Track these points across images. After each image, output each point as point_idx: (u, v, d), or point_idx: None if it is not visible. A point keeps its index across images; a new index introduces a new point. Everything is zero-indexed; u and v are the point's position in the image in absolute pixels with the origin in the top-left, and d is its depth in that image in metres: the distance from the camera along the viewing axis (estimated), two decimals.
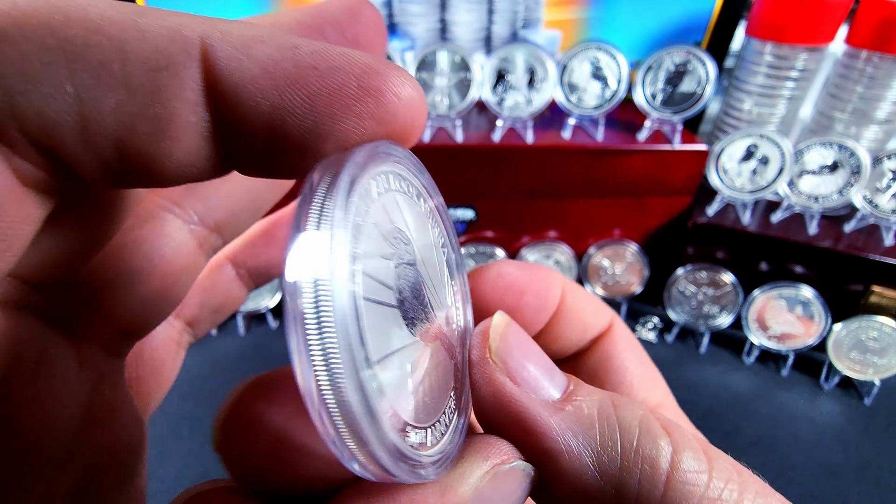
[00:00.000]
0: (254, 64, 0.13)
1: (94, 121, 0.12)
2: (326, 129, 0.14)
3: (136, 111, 0.13)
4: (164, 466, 0.53)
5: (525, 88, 0.64)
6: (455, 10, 0.72)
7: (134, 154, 0.13)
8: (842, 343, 0.62)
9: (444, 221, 0.18)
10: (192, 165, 0.14)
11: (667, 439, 0.15)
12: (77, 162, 0.13)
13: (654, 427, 0.15)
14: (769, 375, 0.66)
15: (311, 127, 0.14)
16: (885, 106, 0.64)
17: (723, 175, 0.64)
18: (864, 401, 0.63)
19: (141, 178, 0.14)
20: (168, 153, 0.13)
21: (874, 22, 0.61)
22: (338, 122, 0.14)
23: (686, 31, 0.72)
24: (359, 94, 0.14)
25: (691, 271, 0.67)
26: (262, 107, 0.13)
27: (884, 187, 0.61)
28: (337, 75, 0.13)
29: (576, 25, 0.73)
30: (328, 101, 0.13)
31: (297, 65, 0.13)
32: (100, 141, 0.13)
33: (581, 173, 0.65)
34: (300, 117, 0.13)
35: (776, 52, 0.64)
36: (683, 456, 0.15)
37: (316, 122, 0.14)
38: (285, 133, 0.14)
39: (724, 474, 0.15)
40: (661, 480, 0.14)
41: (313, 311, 0.10)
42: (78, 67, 0.12)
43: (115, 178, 0.14)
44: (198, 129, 0.13)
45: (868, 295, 0.64)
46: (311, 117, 0.13)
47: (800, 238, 0.64)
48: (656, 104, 0.64)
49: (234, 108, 0.13)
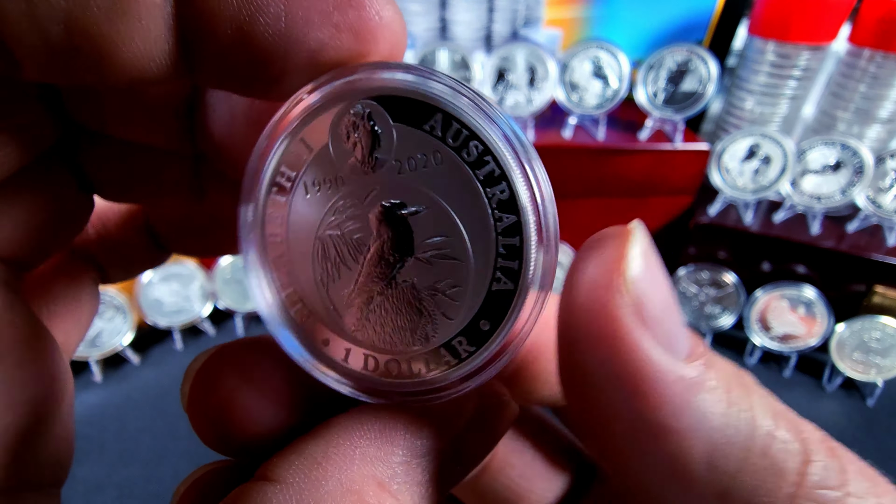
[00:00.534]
0: None
1: None
2: (299, 35, 0.12)
3: None
4: (163, 466, 0.53)
5: (526, 87, 0.63)
6: (455, 9, 0.72)
7: (85, 33, 0.11)
8: (844, 344, 0.62)
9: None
10: (148, 58, 0.12)
11: (798, 442, 0.12)
12: (18, 40, 0.11)
13: (786, 425, 0.12)
14: (771, 376, 0.66)
15: (283, 31, 0.12)
16: (887, 105, 0.64)
17: (725, 174, 0.64)
18: (866, 402, 0.63)
19: (88, 68, 0.12)
20: (125, 37, 0.12)
21: (877, 20, 0.60)
22: (313, 29, 0.12)
23: (688, 30, 0.72)
24: (340, 2, 0.12)
25: (693, 271, 0.67)
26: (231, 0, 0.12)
27: (887, 187, 0.61)
28: None
29: (577, 24, 0.73)
30: (305, 3, 0.12)
31: None
32: (46, 13, 0.11)
33: (582, 173, 0.65)
34: (272, 17, 0.12)
35: (778, 51, 0.64)
36: (815, 466, 0.12)
37: (289, 27, 0.12)
38: (254, 33, 0.12)
39: (860, 488, 0.12)
40: (786, 494, 0.11)
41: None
42: None
43: (59, 66, 0.12)
44: (161, 12, 0.12)
45: (871, 295, 0.63)
46: (283, 20, 0.12)
47: (802, 238, 0.64)
48: (658, 103, 0.64)
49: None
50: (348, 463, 0.13)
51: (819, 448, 0.12)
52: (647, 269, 0.12)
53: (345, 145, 0.14)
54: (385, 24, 0.13)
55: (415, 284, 0.14)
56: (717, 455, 0.11)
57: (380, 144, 0.14)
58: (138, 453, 0.54)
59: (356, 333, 0.15)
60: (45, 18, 0.11)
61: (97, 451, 0.54)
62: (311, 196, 0.14)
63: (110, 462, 0.53)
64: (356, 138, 0.14)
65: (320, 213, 0.14)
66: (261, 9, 0.12)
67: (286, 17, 0.12)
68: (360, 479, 0.13)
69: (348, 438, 0.14)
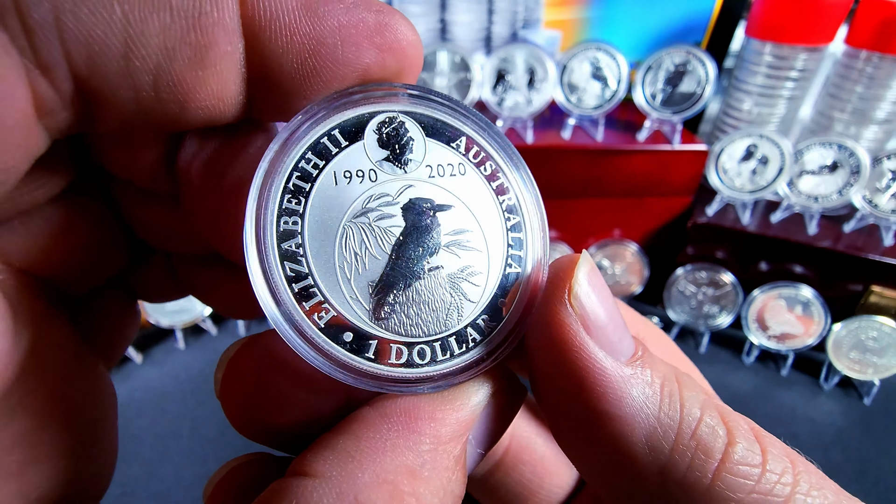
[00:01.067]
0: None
1: (137, 44, 0.12)
2: (352, 59, 0.15)
3: (179, 35, 0.13)
4: (164, 466, 0.53)
5: (525, 88, 0.64)
6: (455, 11, 0.72)
7: (170, 82, 0.13)
8: (841, 343, 0.62)
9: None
10: (220, 100, 0.14)
11: (724, 427, 0.15)
12: (111, 91, 0.13)
13: (714, 413, 0.15)
14: (769, 375, 0.66)
15: (339, 58, 0.15)
16: (884, 106, 0.64)
17: (722, 175, 0.64)
18: (863, 400, 0.63)
19: (168, 112, 0.14)
20: (203, 82, 0.14)
21: (874, 22, 0.61)
22: (362, 53, 0.15)
23: (686, 32, 0.72)
24: (377, 27, 0.15)
25: (691, 271, 0.67)
26: (297, 37, 0.14)
27: (883, 187, 0.61)
28: (359, 10, 0.15)
29: (576, 26, 0.73)
30: (354, 31, 0.15)
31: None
32: (140, 66, 0.13)
33: (581, 173, 0.66)
34: (330, 47, 0.14)
35: (776, 53, 0.64)
36: (738, 447, 0.14)
37: (344, 53, 0.15)
38: (316, 65, 0.14)
39: (778, 466, 0.14)
40: (712, 469, 0.14)
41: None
42: None
43: (141, 112, 0.14)
44: (234, 59, 0.14)
45: (867, 295, 0.64)
46: (340, 48, 0.15)
47: (799, 238, 0.64)
48: (656, 104, 0.64)
49: (270, 39, 0.14)
50: (381, 455, 0.14)
51: (743, 433, 0.15)
52: (591, 288, 0.15)
53: (383, 146, 0.16)
54: (412, 43, 0.15)
55: (443, 271, 0.16)
56: (654, 437, 0.14)
57: (413, 150, 0.16)
58: (140, 452, 0.54)
59: (383, 323, 0.15)
60: (139, 71, 0.13)
61: None
62: (341, 185, 0.15)
63: None
64: (395, 141, 0.16)
65: (349, 201, 0.15)
66: (322, 43, 0.14)
67: (342, 45, 0.14)
68: (394, 468, 0.14)
69: (378, 431, 0.15)
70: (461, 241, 0.16)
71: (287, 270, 0.14)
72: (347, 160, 0.15)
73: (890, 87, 0.63)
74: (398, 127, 0.16)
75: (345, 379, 0.15)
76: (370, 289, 0.15)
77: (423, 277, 0.15)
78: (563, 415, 0.15)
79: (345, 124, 0.15)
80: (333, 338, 0.15)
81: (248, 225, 0.14)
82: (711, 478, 0.14)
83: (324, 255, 0.15)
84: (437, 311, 0.15)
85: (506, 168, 0.16)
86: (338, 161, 0.15)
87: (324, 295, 0.15)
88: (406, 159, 0.16)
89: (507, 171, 0.16)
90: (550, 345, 0.14)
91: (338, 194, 0.15)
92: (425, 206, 0.16)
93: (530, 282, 0.16)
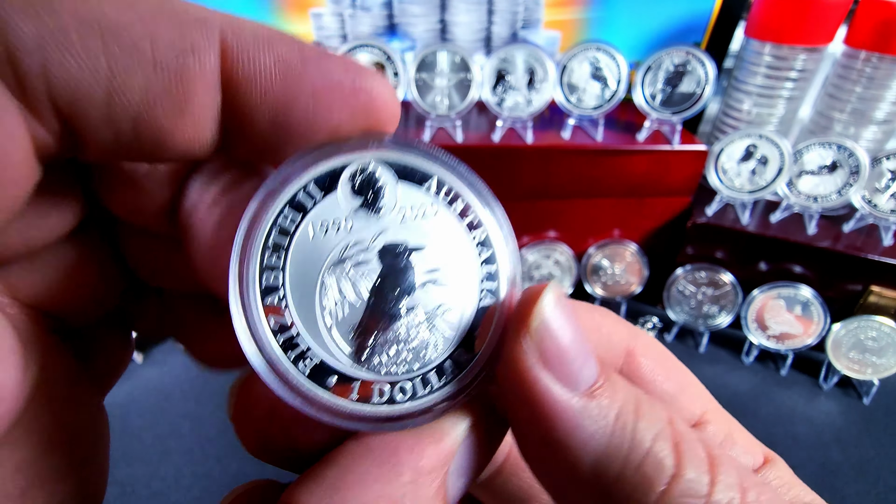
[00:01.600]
0: (267, 56, 0.15)
1: (120, 95, 0.13)
2: (324, 119, 0.15)
3: (161, 88, 0.14)
4: (164, 465, 0.53)
5: (525, 89, 0.64)
6: (455, 11, 0.72)
7: (149, 128, 0.14)
8: (840, 343, 0.62)
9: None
10: (195, 142, 0.15)
11: (673, 458, 0.15)
12: (92, 132, 0.14)
13: (665, 443, 0.15)
14: (768, 375, 0.67)
15: (311, 118, 0.15)
16: (883, 106, 0.64)
17: (722, 175, 0.65)
18: (862, 400, 0.63)
19: (144, 152, 0.15)
20: (181, 129, 0.14)
21: (873, 23, 0.61)
22: (335, 113, 0.15)
23: (685, 32, 0.73)
24: (352, 91, 0.15)
25: (690, 271, 0.67)
26: (270, 95, 0.15)
27: (882, 187, 0.61)
28: (335, 74, 0.15)
29: (575, 26, 0.73)
30: (328, 95, 0.15)
31: (304, 62, 0.15)
32: (121, 113, 0.13)
33: (581, 173, 0.66)
34: (302, 107, 0.15)
35: (775, 53, 0.64)
36: (684, 478, 0.14)
37: (315, 113, 0.15)
38: (288, 122, 0.15)
39: (724, 496, 0.14)
40: (652, 501, 0.14)
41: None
42: (112, 42, 0.13)
43: (121, 150, 0.14)
44: (211, 110, 0.15)
45: (867, 295, 0.64)
46: (311, 109, 0.15)
47: (799, 238, 0.64)
48: (656, 104, 0.64)
49: (245, 94, 0.15)
50: (363, 487, 0.15)
51: (695, 462, 0.15)
52: (550, 321, 0.15)
53: (356, 195, 0.16)
54: (387, 104, 0.16)
55: (420, 310, 0.16)
56: (600, 466, 0.15)
57: (386, 196, 0.16)
58: (140, 451, 0.55)
59: (365, 364, 0.16)
60: (120, 117, 0.13)
61: None
62: (318, 237, 0.16)
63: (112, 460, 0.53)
64: (367, 189, 0.16)
65: (327, 252, 0.16)
66: (294, 101, 0.15)
67: (315, 106, 0.15)
68: (375, 499, 0.15)
69: (361, 464, 0.15)
70: (436, 278, 0.16)
71: (272, 324, 0.15)
72: (323, 212, 0.16)
73: (889, 88, 0.63)
74: (370, 175, 0.16)
75: (331, 421, 0.15)
76: (351, 333, 0.16)
77: (401, 317, 0.16)
78: (523, 438, 0.16)
79: (319, 177, 0.16)
80: (318, 383, 0.15)
81: (232, 284, 0.15)
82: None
83: (306, 306, 0.15)
84: (416, 349, 0.16)
85: (476, 204, 0.17)
86: (314, 214, 0.16)
87: (307, 343, 0.15)
88: (379, 206, 0.16)
89: (478, 207, 0.17)
90: (510, 376, 0.15)
91: (316, 246, 0.16)
92: (399, 249, 0.16)
93: (503, 314, 0.17)
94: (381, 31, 0.74)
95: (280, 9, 0.70)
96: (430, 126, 0.65)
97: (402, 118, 0.71)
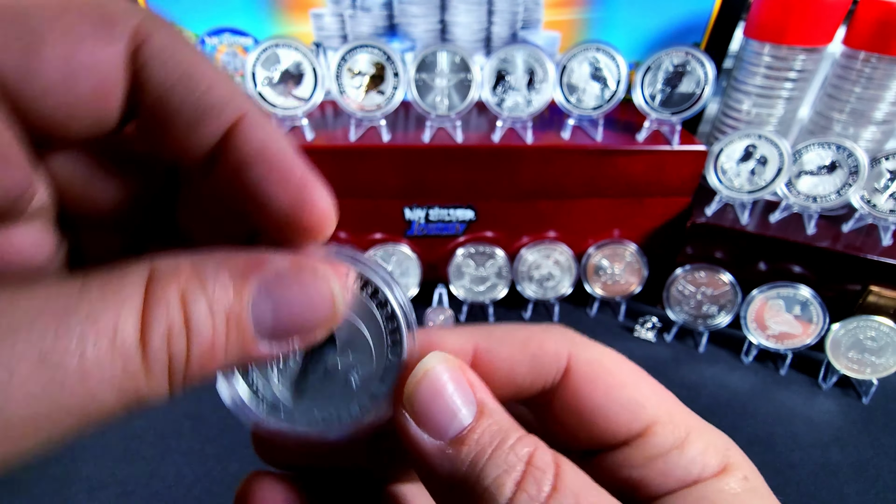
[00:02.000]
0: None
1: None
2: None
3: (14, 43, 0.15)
4: (165, 465, 0.53)
5: (525, 89, 0.64)
6: (455, 11, 0.72)
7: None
8: (840, 343, 0.62)
9: None
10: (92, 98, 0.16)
11: (512, 487, 0.17)
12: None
13: (507, 480, 0.17)
14: (767, 375, 0.67)
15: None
16: (882, 106, 0.64)
17: (721, 175, 0.65)
18: (862, 400, 0.64)
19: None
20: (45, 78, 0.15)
21: (872, 23, 0.61)
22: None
23: (685, 32, 0.73)
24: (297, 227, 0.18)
25: (690, 271, 0.67)
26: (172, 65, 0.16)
27: (882, 187, 0.61)
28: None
29: (575, 26, 0.73)
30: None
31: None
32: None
33: (580, 174, 0.66)
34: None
35: (774, 53, 0.65)
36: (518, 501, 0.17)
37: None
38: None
39: None
40: None
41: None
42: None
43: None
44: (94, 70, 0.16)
45: (866, 295, 0.64)
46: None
47: (798, 238, 0.64)
48: (655, 105, 0.64)
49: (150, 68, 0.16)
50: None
51: (534, 483, 0.17)
52: (419, 392, 0.19)
53: None
54: (327, 212, 0.18)
55: (340, 367, 0.21)
56: (459, 495, 0.18)
57: None
58: (141, 451, 0.55)
59: (296, 409, 0.21)
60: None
61: (100, 448, 0.54)
62: None
63: (113, 460, 0.53)
64: None
65: None
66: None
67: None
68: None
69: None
70: (352, 344, 0.21)
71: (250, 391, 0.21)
72: None
73: (888, 88, 0.63)
74: None
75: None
76: (289, 386, 0.21)
77: (326, 373, 0.21)
78: (415, 469, 0.20)
79: None
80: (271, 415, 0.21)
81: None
82: None
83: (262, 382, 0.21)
84: (334, 396, 0.21)
85: (384, 289, 0.21)
86: None
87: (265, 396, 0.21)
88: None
89: (385, 291, 0.21)
90: (397, 428, 0.19)
91: None
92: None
93: (404, 369, 0.21)
94: (382, 31, 0.74)
95: (280, 9, 0.71)
96: (430, 126, 0.65)
97: (403, 118, 0.71)
